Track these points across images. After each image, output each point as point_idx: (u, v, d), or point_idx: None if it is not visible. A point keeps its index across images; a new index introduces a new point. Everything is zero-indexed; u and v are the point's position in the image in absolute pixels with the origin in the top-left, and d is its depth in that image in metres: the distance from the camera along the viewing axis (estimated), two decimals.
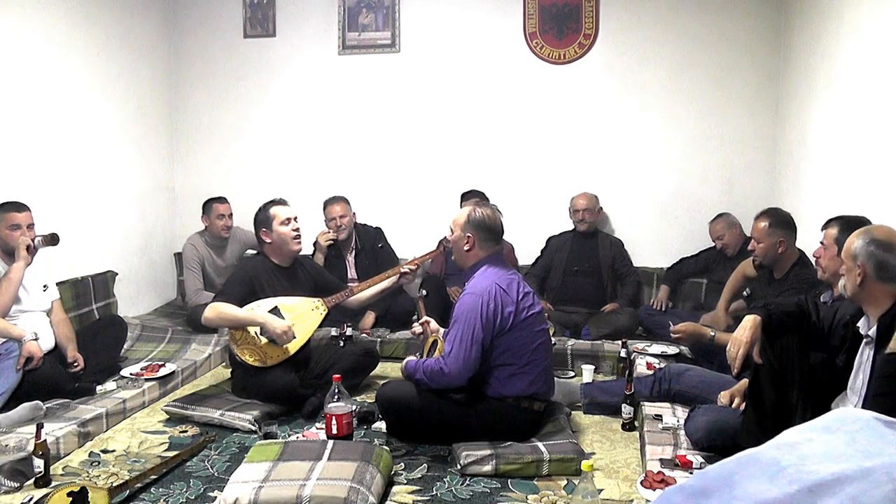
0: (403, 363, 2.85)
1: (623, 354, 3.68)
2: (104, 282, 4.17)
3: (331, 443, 2.49)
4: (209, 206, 4.53)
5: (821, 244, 2.62)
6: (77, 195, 4.09)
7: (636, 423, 2.94)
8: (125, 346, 3.79)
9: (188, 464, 2.60)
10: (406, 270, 3.36)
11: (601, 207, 4.55)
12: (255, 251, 3.88)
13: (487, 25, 4.75)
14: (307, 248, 4.01)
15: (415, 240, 4.59)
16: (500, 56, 4.74)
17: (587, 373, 3.48)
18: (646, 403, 2.95)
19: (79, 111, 4.13)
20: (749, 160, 4.54)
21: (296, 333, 3.18)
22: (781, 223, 3.21)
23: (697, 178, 4.62)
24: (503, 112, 4.76)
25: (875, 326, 2.02)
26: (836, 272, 2.25)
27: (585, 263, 4.43)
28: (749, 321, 2.26)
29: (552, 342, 2.98)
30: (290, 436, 2.90)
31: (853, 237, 2.07)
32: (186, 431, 2.95)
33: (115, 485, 2.31)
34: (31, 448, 2.41)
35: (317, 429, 2.92)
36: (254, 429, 2.92)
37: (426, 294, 3.50)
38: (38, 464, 2.37)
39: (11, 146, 3.60)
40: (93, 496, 2.12)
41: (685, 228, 4.60)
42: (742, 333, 2.24)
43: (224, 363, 3.93)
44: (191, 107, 5.13)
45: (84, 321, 3.83)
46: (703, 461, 2.37)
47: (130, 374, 3.38)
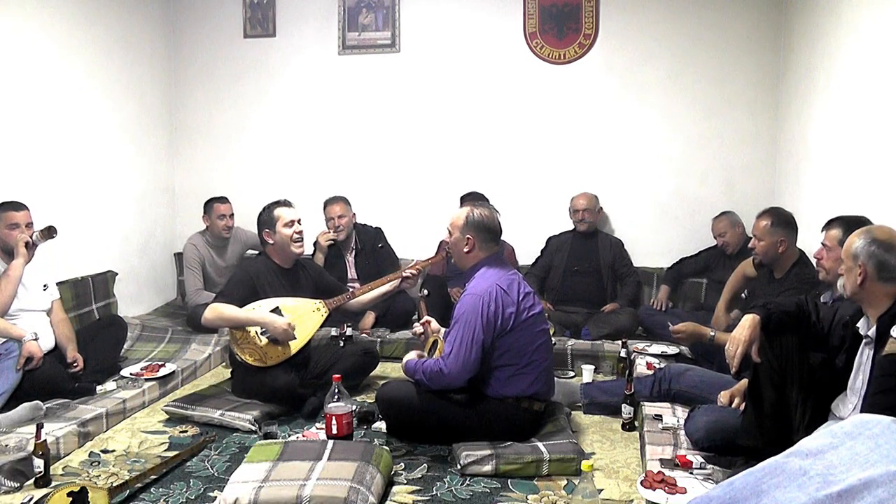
0: (403, 362, 2.85)
1: (623, 354, 3.68)
2: (104, 282, 4.17)
3: (331, 443, 2.49)
4: (210, 206, 4.53)
5: (822, 245, 2.61)
6: (77, 195, 4.09)
7: (636, 423, 2.94)
8: (125, 346, 3.79)
9: (188, 464, 2.60)
10: (407, 275, 3.36)
11: (601, 207, 4.55)
12: (257, 252, 3.88)
13: (487, 25, 4.75)
14: (308, 248, 4.01)
15: (415, 240, 4.60)
16: (500, 56, 4.74)
17: (587, 373, 3.48)
18: (646, 403, 2.95)
19: (79, 111, 4.13)
20: (749, 160, 4.54)
21: (296, 334, 3.18)
22: (783, 223, 3.21)
23: (697, 178, 4.62)
24: (503, 112, 4.76)
25: (874, 327, 2.02)
26: (838, 273, 2.24)
27: (585, 263, 4.43)
28: (748, 320, 2.26)
29: (552, 342, 2.98)
30: (290, 436, 2.90)
31: (853, 237, 2.07)
32: (186, 431, 2.95)
33: (115, 485, 2.32)
34: (31, 448, 2.41)
35: (317, 429, 2.92)
36: (254, 429, 2.92)
37: (428, 294, 3.50)
38: (38, 464, 2.37)
39: (11, 146, 3.61)
40: (93, 496, 2.12)
41: (685, 228, 4.60)
42: (741, 332, 2.24)
43: (224, 363, 3.94)
44: (191, 107, 5.13)
45: (84, 321, 3.83)
46: (703, 461, 2.37)
47: (130, 374, 3.39)
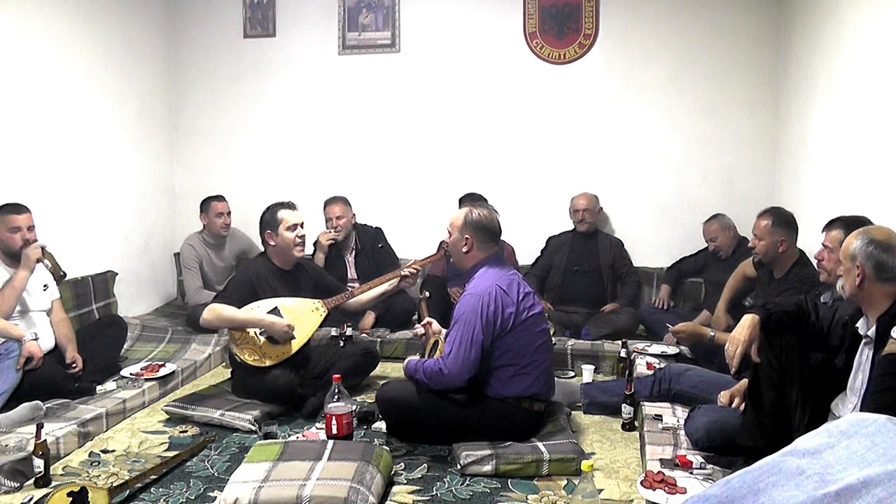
0: (405, 363, 2.85)
1: (623, 354, 3.68)
2: (104, 282, 4.17)
3: (331, 443, 2.49)
4: (207, 204, 4.53)
5: (823, 246, 2.60)
6: (77, 195, 4.09)
7: (636, 423, 2.94)
8: (125, 346, 3.79)
9: (188, 464, 2.60)
10: (406, 274, 3.36)
11: (601, 207, 4.55)
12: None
13: (487, 25, 4.75)
14: (308, 248, 4.01)
15: (415, 240, 4.59)
16: (500, 56, 4.74)
17: (587, 373, 3.48)
18: (646, 403, 2.95)
19: (79, 111, 4.13)
20: (749, 160, 4.54)
21: (295, 334, 3.18)
22: (783, 222, 3.21)
23: (697, 178, 4.62)
24: (503, 112, 4.76)
25: (874, 327, 2.02)
26: (838, 274, 2.22)
27: (585, 263, 4.43)
28: (747, 320, 2.26)
29: (552, 342, 2.98)
30: (290, 436, 2.90)
31: (851, 238, 2.07)
32: (186, 431, 2.95)
33: (115, 485, 2.32)
34: (31, 448, 2.41)
35: (317, 429, 2.92)
36: (254, 429, 2.92)
37: (429, 295, 3.50)
38: (38, 464, 2.37)
39: (11, 146, 3.60)
40: (93, 496, 2.12)
41: (685, 228, 4.60)
42: (740, 333, 2.24)
43: (224, 363, 3.94)
44: (191, 107, 5.13)
45: (84, 321, 3.83)
46: (703, 461, 2.37)
47: (130, 374, 3.38)
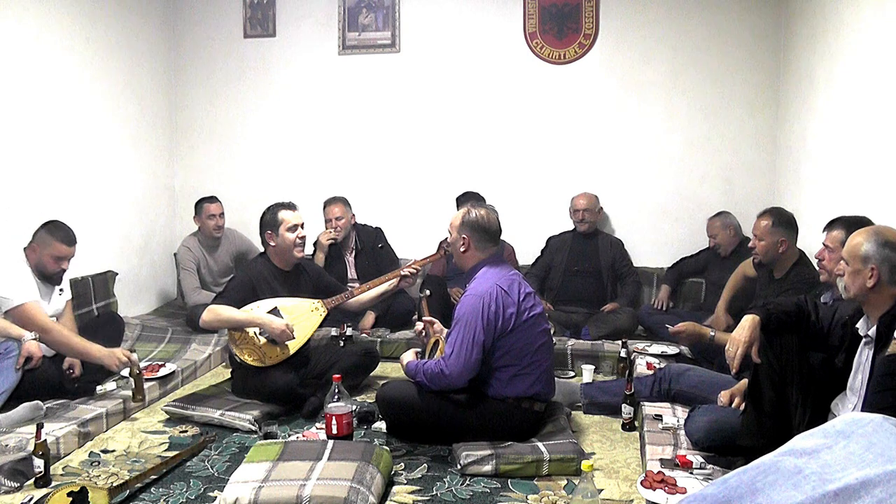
0: (404, 363, 2.84)
1: (623, 354, 3.68)
2: (104, 282, 4.17)
3: (331, 443, 2.48)
4: (200, 206, 4.54)
5: (824, 246, 2.60)
6: (77, 195, 4.09)
7: (636, 423, 2.94)
8: (125, 347, 3.78)
9: (188, 464, 2.60)
10: (406, 273, 3.36)
11: (601, 207, 4.55)
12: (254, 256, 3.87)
13: (487, 25, 4.75)
14: (308, 248, 4.01)
15: (415, 240, 4.59)
16: (500, 56, 4.74)
17: (587, 373, 3.48)
18: (646, 403, 2.95)
19: (79, 111, 4.13)
20: (749, 160, 4.54)
21: (295, 334, 3.18)
22: (784, 222, 3.21)
23: (697, 178, 4.62)
24: (503, 112, 4.76)
25: (874, 326, 2.02)
26: (839, 274, 2.20)
27: (585, 263, 4.43)
28: (748, 321, 2.26)
29: (553, 343, 2.98)
30: (290, 436, 2.90)
31: (860, 239, 2.04)
32: (186, 431, 2.95)
33: (115, 485, 2.32)
34: (31, 448, 2.41)
35: (317, 429, 2.92)
36: (254, 429, 2.92)
37: (430, 294, 3.50)
38: (38, 464, 2.37)
39: (11, 146, 3.60)
40: (93, 496, 2.12)
41: (685, 228, 4.60)
42: (741, 333, 2.24)
43: (224, 363, 3.94)
44: (191, 107, 5.13)
45: (84, 321, 3.82)
46: (703, 461, 2.37)
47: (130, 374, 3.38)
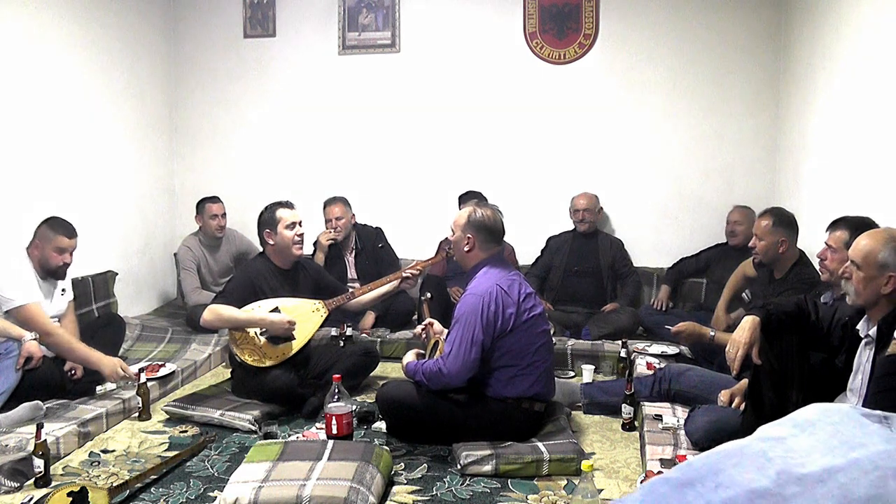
0: (404, 363, 2.85)
1: (623, 354, 3.68)
2: (104, 282, 4.17)
3: (331, 443, 2.49)
4: (202, 206, 4.54)
5: (827, 246, 2.59)
6: (77, 195, 4.09)
7: (636, 423, 2.94)
8: (125, 347, 3.79)
9: (188, 464, 2.60)
10: (408, 275, 3.36)
11: (601, 207, 4.55)
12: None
13: (487, 25, 4.75)
14: (308, 248, 4.02)
15: (415, 240, 4.60)
16: (500, 56, 4.74)
17: (587, 373, 3.48)
18: (646, 403, 2.95)
19: (79, 111, 4.13)
20: (749, 160, 4.54)
21: (295, 334, 3.18)
22: (784, 222, 3.20)
23: (697, 178, 4.62)
24: (503, 112, 4.76)
25: (875, 327, 2.02)
26: (844, 275, 2.16)
27: (585, 263, 4.43)
28: (748, 322, 2.26)
29: (553, 343, 2.98)
30: (290, 436, 2.90)
31: (876, 245, 2.01)
32: (186, 431, 2.95)
33: (115, 485, 2.32)
34: (31, 448, 2.41)
35: (317, 429, 2.92)
36: (254, 429, 2.93)
37: (431, 297, 3.50)
38: (38, 464, 2.37)
39: (11, 146, 3.60)
40: (93, 496, 2.12)
41: (685, 228, 4.60)
42: (741, 335, 2.24)
43: (224, 363, 3.94)
44: (191, 107, 5.13)
45: (84, 321, 3.81)
46: None
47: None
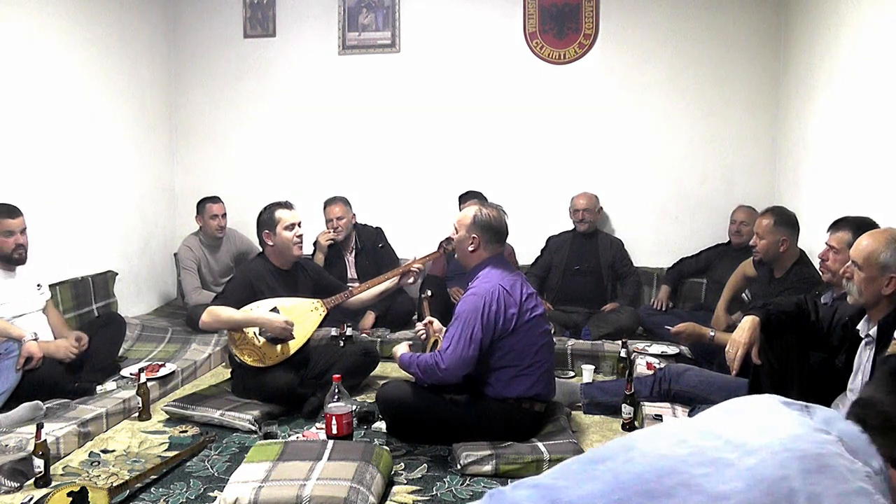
0: (397, 354, 2.83)
1: (623, 354, 3.68)
2: (104, 282, 4.17)
3: (331, 443, 2.49)
4: (202, 206, 4.54)
5: (828, 246, 2.58)
6: (77, 195, 4.09)
7: (636, 423, 2.94)
8: (126, 347, 3.79)
9: (188, 464, 2.60)
10: (413, 270, 3.36)
11: (601, 207, 4.55)
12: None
13: (487, 25, 4.75)
14: (307, 248, 4.01)
15: (415, 240, 4.59)
16: (500, 56, 4.74)
17: (587, 373, 3.48)
18: (646, 403, 2.95)
19: (79, 111, 4.13)
20: (749, 160, 4.54)
21: (294, 333, 3.18)
22: (785, 222, 3.20)
23: (697, 178, 4.62)
24: (503, 112, 4.76)
25: (876, 327, 2.02)
26: (846, 276, 2.17)
27: (585, 263, 4.43)
28: (748, 322, 2.26)
29: (554, 343, 2.98)
30: (290, 436, 2.90)
31: (877, 246, 2.02)
32: (186, 431, 2.95)
33: (115, 485, 2.31)
34: (31, 448, 2.41)
35: (317, 429, 2.91)
36: (254, 429, 2.92)
37: (431, 294, 3.51)
38: (38, 464, 2.37)
39: (11, 146, 3.60)
40: (93, 496, 2.12)
41: (685, 228, 4.60)
42: (741, 335, 2.24)
43: (224, 363, 3.93)
44: (191, 107, 5.13)
45: (84, 321, 3.82)
46: None
47: (130, 374, 3.38)
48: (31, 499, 2.17)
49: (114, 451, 2.73)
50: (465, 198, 4.31)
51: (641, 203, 4.68)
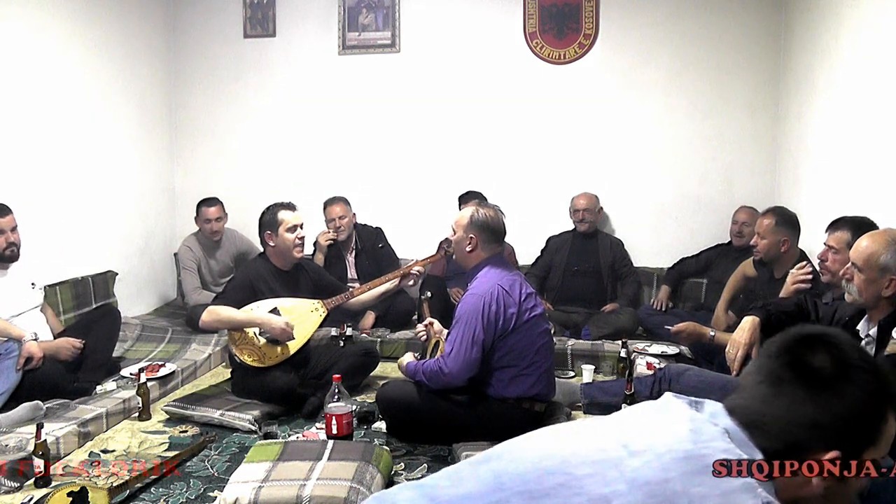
0: (404, 364, 2.84)
1: (623, 354, 3.68)
2: (104, 282, 4.16)
3: (331, 443, 2.48)
4: (199, 209, 4.52)
5: (828, 246, 2.57)
6: (77, 195, 4.09)
7: None
8: (126, 347, 3.78)
9: (188, 464, 2.60)
10: (413, 272, 3.36)
11: (601, 207, 4.55)
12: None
13: (487, 25, 4.75)
14: (307, 248, 4.01)
15: (415, 240, 4.59)
16: (500, 56, 4.74)
17: (587, 373, 3.48)
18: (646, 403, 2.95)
19: (79, 111, 4.12)
20: (749, 160, 4.54)
21: (295, 334, 3.18)
22: (786, 222, 3.20)
23: (697, 179, 4.62)
24: (503, 112, 4.76)
25: (876, 327, 2.02)
26: (845, 277, 2.15)
27: (585, 263, 4.43)
28: (748, 322, 2.26)
29: (553, 343, 2.98)
30: (290, 436, 2.90)
31: (877, 248, 2.01)
32: (186, 431, 2.95)
33: (115, 485, 2.31)
34: (31, 448, 2.41)
35: (317, 429, 2.91)
36: (254, 429, 2.92)
37: (431, 296, 3.51)
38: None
39: (11, 146, 3.60)
40: (93, 496, 2.12)
41: (685, 228, 4.60)
42: (741, 335, 2.24)
43: (224, 363, 3.93)
44: (191, 107, 5.13)
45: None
46: None
47: (130, 374, 3.38)
48: (31, 499, 2.17)
49: (114, 451, 2.73)
50: (466, 198, 4.31)
51: (641, 203, 4.68)
